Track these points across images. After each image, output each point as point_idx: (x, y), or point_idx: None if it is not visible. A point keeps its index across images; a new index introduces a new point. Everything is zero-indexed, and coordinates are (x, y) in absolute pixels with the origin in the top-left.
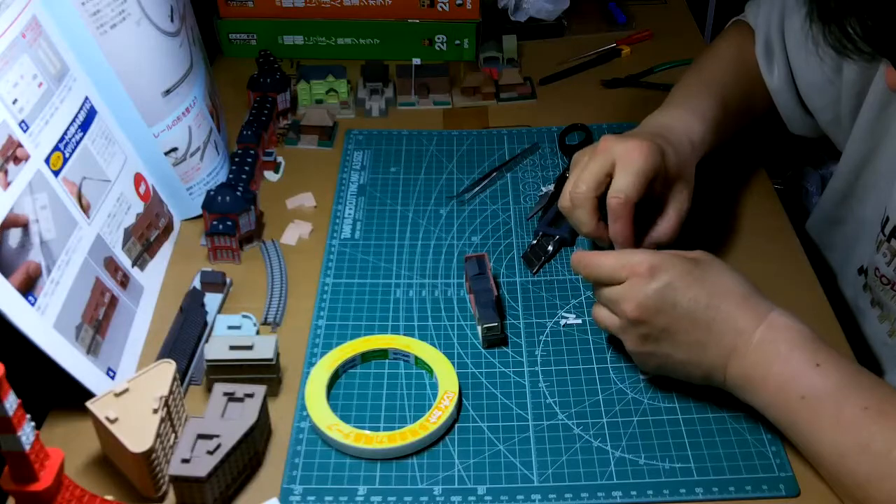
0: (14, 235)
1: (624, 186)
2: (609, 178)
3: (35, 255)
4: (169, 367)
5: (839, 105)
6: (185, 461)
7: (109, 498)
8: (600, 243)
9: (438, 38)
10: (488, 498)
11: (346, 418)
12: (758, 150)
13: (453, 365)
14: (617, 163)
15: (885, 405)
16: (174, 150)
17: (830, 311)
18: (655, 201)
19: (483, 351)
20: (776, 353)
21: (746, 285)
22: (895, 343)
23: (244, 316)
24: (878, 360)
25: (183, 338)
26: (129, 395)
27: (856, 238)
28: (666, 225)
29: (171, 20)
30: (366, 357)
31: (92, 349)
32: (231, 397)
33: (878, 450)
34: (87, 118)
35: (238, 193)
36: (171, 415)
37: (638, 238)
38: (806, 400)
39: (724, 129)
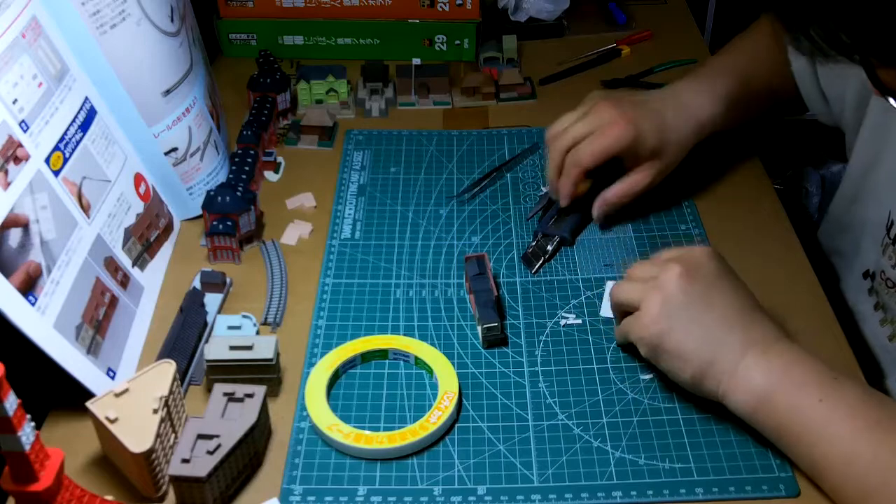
0: (14, 235)
1: (583, 153)
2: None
3: (35, 255)
4: (169, 367)
5: (844, 101)
6: (185, 461)
7: (109, 498)
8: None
9: (438, 38)
10: (488, 498)
11: (346, 418)
12: (758, 151)
13: (453, 365)
14: (595, 132)
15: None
16: (174, 150)
17: (830, 312)
18: (626, 169)
19: (483, 351)
20: (798, 359)
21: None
22: (895, 347)
23: (244, 316)
24: (878, 364)
25: (183, 338)
26: (129, 395)
27: (860, 242)
28: (616, 189)
29: (171, 20)
30: (366, 357)
31: (92, 349)
32: (231, 397)
33: (885, 463)
34: (87, 118)
35: (238, 193)
36: (171, 415)
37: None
38: (824, 403)
39: (745, 108)
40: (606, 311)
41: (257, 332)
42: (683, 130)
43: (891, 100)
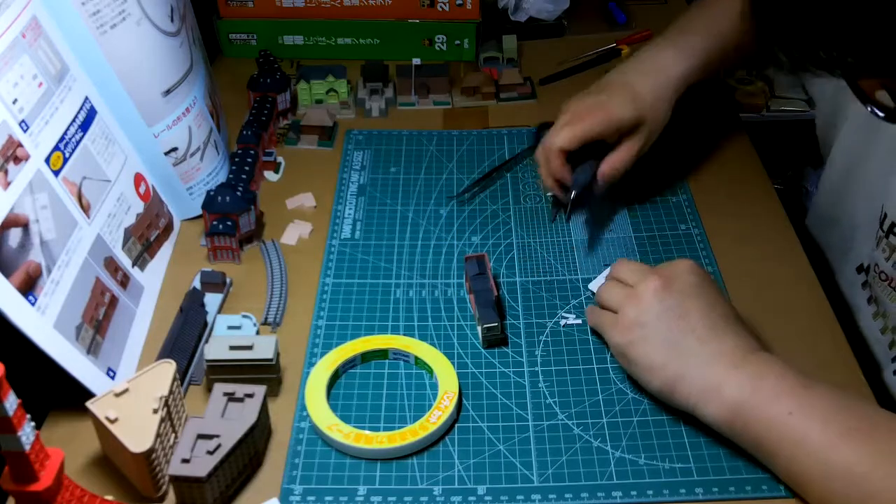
0: (14, 235)
1: (556, 139)
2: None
3: (35, 255)
4: (169, 367)
5: (824, 90)
6: (185, 461)
7: (109, 498)
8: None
9: (438, 38)
10: (488, 498)
11: (346, 418)
12: (758, 151)
13: (453, 365)
14: (567, 121)
15: (865, 426)
16: (174, 150)
17: (830, 312)
18: (613, 145)
19: (483, 351)
20: (769, 370)
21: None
22: (886, 339)
23: (244, 316)
24: (875, 358)
25: (183, 338)
26: (129, 395)
27: (852, 237)
28: (608, 161)
29: (171, 20)
30: (366, 357)
31: (92, 349)
32: (231, 397)
33: (861, 471)
34: (87, 118)
35: (238, 193)
36: (171, 415)
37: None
38: (795, 415)
39: (719, 62)
40: (596, 286)
41: (257, 332)
42: (660, 92)
43: (874, 108)
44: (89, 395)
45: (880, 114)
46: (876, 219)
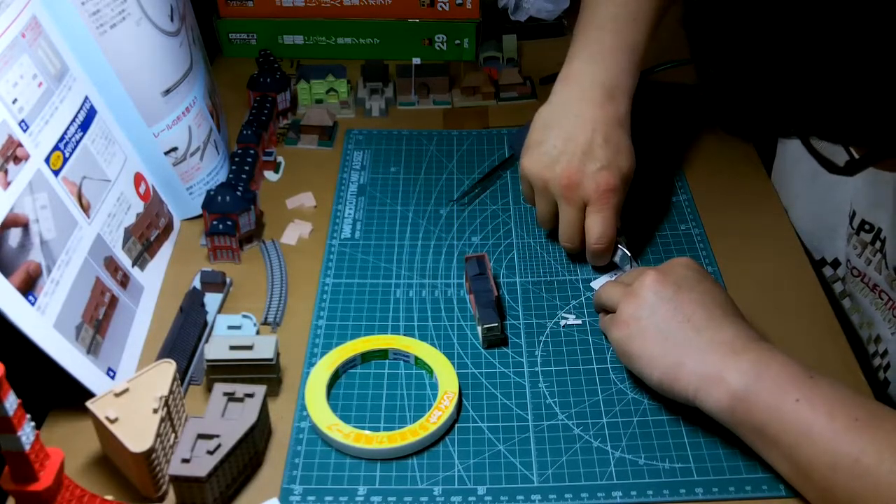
0: (14, 235)
1: (603, 231)
2: (584, 213)
3: (35, 255)
4: (169, 367)
5: None
6: (185, 461)
7: (109, 498)
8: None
9: (438, 38)
10: (488, 498)
11: (346, 418)
12: (758, 151)
13: (453, 365)
14: (590, 206)
15: (874, 419)
16: (174, 149)
17: (831, 313)
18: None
19: (483, 351)
20: (772, 358)
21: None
22: (865, 334)
23: (244, 316)
24: (865, 348)
25: (183, 338)
26: (129, 395)
27: (822, 233)
28: (591, 237)
29: (171, 20)
30: (366, 357)
31: (92, 349)
32: (231, 397)
33: (868, 463)
34: (86, 118)
35: (238, 193)
36: (171, 415)
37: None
38: (801, 403)
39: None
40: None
41: (257, 332)
42: (626, 111)
43: (826, 165)
44: (89, 395)
45: (832, 171)
46: (845, 214)
